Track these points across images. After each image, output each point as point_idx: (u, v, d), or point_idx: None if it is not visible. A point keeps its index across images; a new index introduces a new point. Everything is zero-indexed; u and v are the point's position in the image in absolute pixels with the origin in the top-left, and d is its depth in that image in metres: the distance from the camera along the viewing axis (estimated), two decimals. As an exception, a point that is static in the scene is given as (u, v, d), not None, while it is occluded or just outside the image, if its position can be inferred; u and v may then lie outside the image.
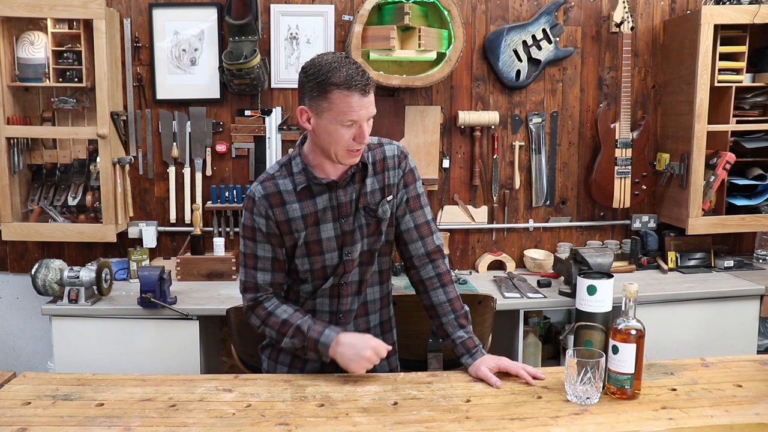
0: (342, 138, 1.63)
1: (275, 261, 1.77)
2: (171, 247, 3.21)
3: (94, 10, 2.77)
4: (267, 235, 1.74)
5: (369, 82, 1.62)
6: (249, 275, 1.77)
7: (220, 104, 3.14)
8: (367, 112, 1.63)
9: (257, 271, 1.77)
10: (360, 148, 1.66)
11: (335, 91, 1.59)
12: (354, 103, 1.59)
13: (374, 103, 1.66)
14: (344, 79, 1.58)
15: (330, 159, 1.69)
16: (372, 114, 1.65)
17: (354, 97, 1.59)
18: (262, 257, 1.76)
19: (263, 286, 1.77)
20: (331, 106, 1.60)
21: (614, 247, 3.29)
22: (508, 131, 3.27)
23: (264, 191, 1.74)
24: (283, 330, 1.72)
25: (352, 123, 1.62)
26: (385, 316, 1.93)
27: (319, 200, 1.74)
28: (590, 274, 1.67)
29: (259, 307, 1.76)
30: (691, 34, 3.01)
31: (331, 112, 1.61)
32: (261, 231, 1.74)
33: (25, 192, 3.05)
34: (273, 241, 1.75)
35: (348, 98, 1.59)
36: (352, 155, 1.67)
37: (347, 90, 1.58)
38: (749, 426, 1.42)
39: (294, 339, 1.71)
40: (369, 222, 1.78)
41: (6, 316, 3.27)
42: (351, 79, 1.59)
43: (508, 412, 1.49)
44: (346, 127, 1.62)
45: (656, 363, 1.76)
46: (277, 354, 1.88)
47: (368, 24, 2.86)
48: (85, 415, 1.48)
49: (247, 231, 1.76)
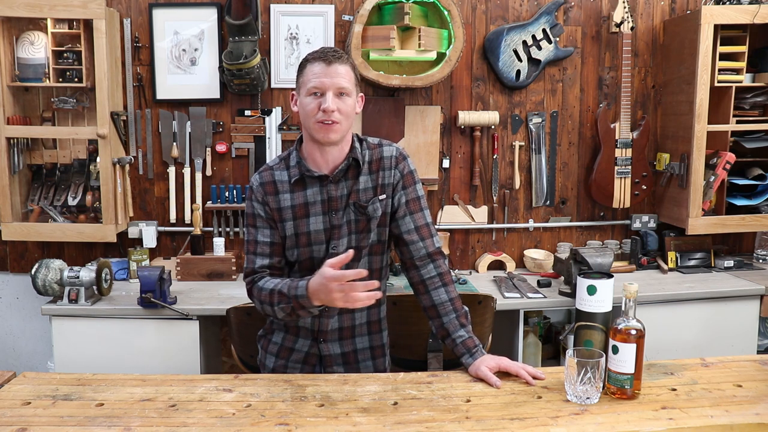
0: (312, 109, 1.71)
1: (273, 245, 1.82)
2: (171, 247, 3.21)
3: (94, 10, 2.77)
4: (266, 219, 1.82)
5: (337, 54, 1.72)
6: (249, 261, 1.84)
7: (220, 104, 3.14)
8: (331, 81, 1.70)
9: (256, 256, 1.83)
10: (327, 119, 1.70)
11: (307, 65, 1.74)
12: (317, 70, 1.71)
13: (347, 79, 1.73)
14: (314, 54, 1.74)
15: (314, 140, 1.76)
16: (339, 86, 1.71)
17: (318, 65, 1.71)
18: (261, 242, 1.82)
19: (259, 270, 1.82)
20: (303, 79, 1.74)
21: (614, 247, 3.29)
22: (508, 131, 3.27)
23: (261, 180, 1.83)
24: (272, 299, 1.74)
25: (317, 91, 1.71)
26: (374, 317, 1.93)
27: (310, 193, 1.80)
28: (590, 274, 1.67)
29: (254, 287, 1.80)
30: (691, 34, 3.01)
31: (303, 86, 1.74)
32: (260, 216, 1.82)
33: (25, 192, 3.05)
34: (272, 224, 1.82)
35: (313, 67, 1.72)
36: (323, 128, 1.72)
37: (313, 60, 1.73)
38: (749, 426, 1.42)
39: (281, 304, 1.72)
40: (358, 218, 1.81)
41: (6, 316, 3.27)
42: (318, 51, 1.74)
43: (508, 412, 1.49)
44: (313, 96, 1.72)
45: (656, 363, 1.76)
46: (268, 344, 1.96)
47: (368, 24, 2.87)
48: (85, 415, 1.48)
49: (248, 219, 1.85)
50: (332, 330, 1.87)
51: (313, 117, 1.71)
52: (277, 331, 1.94)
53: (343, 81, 1.71)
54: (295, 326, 1.89)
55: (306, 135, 1.80)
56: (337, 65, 1.71)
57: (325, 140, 1.73)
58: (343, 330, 1.89)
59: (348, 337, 1.90)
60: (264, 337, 1.98)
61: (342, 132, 1.74)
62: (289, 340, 1.91)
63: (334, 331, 1.88)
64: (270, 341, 1.95)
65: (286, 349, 1.92)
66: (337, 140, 1.74)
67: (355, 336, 1.90)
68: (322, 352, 1.88)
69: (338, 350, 1.89)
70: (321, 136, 1.72)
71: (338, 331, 1.88)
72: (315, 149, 1.78)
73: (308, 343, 1.89)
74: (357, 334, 1.91)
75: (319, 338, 1.88)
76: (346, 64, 1.73)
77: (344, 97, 1.72)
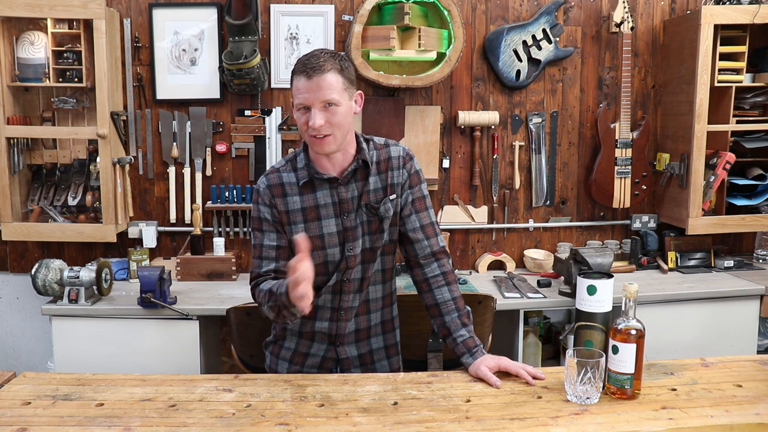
0: (302, 124, 1.67)
1: (279, 249, 1.80)
2: (171, 247, 3.21)
3: (94, 10, 2.77)
4: (273, 223, 1.79)
5: (317, 65, 1.61)
6: (255, 265, 1.82)
7: (220, 104, 3.14)
8: (314, 96, 1.62)
9: (262, 261, 1.80)
10: (317, 134, 1.65)
11: (294, 78, 1.66)
12: (300, 86, 1.64)
13: (333, 88, 1.63)
14: (298, 65, 1.65)
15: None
16: (323, 100, 1.62)
17: (300, 80, 1.64)
18: (266, 246, 1.79)
19: (264, 274, 1.79)
20: (293, 92, 1.67)
21: (614, 247, 3.29)
22: (508, 131, 3.27)
23: (268, 182, 1.80)
24: (264, 299, 1.72)
25: (302, 107, 1.65)
26: (387, 316, 1.94)
27: (321, 195, 1.77)
28: (590, 274, 1.67)
29: (257, 289, 1.79)
30: (691, 34, 3.01)
31: (293, 99, 1.68)
32: (267, 220, 1.79)
33: (25, 192, 3.05)
34: (278, 228, 1.79)
35: (297, 81, 1.65)
36: (316, 143, 1.68)
37: (297, 74, 1.64)
38: (749, 426, 1.42)
39: (269, 303, 1.68)
40: (371, 219, 1.80)
41: (6, 316, 3.27)
42: (300, 64, 1.64)
43: (508, 412, 1.49)
44: (300, 112, 1.66)
45: (656, 363, 1.76)
46: (279, 349, 1.93)
47: (368, 24, 2.87)
48: (85, 415, 1.48)
49: (255, 222, 1.82)
50: (349, 333, 1.87)
51: (305, 132, 1.68)
52: (290, 337, 1.91)
53: (328, 93, 1.62)
54: (310, 331, 1.87)
55: None
56: (318, 78, 1.61)
57: (321, 152, 1.71)
58: (359, 332, 1.89)
59: (364, 338, 1.90)
60: (274, 344, 1.95)
61: (337, 141, 1.69)
62: (303, 345, 1.89)
63: (351, 333, 1.88)
64: (282, 347, 1.92)
65: (300, 354, 1.90)
66: (333, 151, 1.71)
67: (370, 336, 1.91)
68: (340, 355, 1.88)
69: (355, 352, 1.89)
70: (316, 148, 1.70)
71: (355, 333, 1.88)
72: (321, 156, 1.75)
73: (324, 347, 1.88)
74: (372, 334, 1.91)
75: (336, 342, 1.87)
76: (329, 72, 1.62)
77: (333, 107, 1.64)
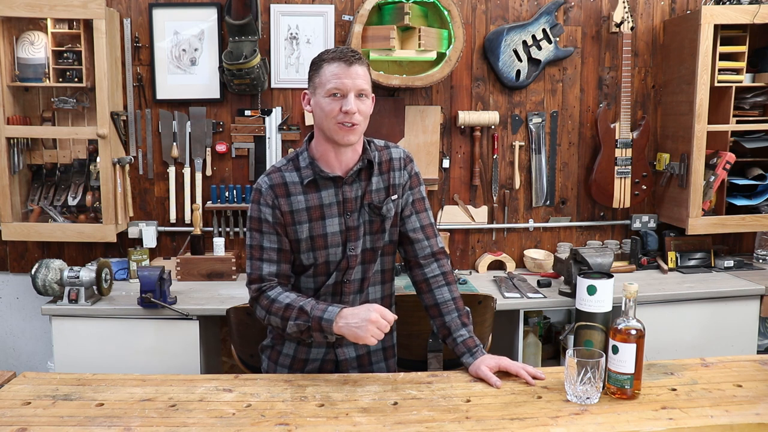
0: (332, 110, 1.68)
1: (281, 252, 1.78)
2: (171, 247, 3.21)
3: (94, 10, 2.77)
4: (273, 225, 1.76)
5: (356, 55, 1.69)
6: (255, 267, 1.78)
7: (220, 104, 3.14)
8: (352, 83, 1.68)
9: (263, 263, 1.77)
10: (348, 121, 1.68)
11: (324, 65, 1.70)
12: (338, 71, 1.67)
13: (366, 80, 1.71)
14: (332, 54, 1.71)
15: (329, 141, 1.73)
16: (360, 88, 1.69)
17: (338, 65, 1.68)
18: (267, 248, 1.77)
19: (268, 277, 1.77)
20: (321, 80, 1.70)
21: (614, 247, 3.29)
22: (508, 131, 3.27)
23: (270, 182, 1.77)
24: (287, 314, 1.70)
25: (338, 92, 1.68)
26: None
27: (325, 194, 1.76)
28: (590, 274, 1.67)
29: (263, 296, 1.76)
30: (691, 34, 3.01)
31: (321, 87, 1.70)
32: (267, 221, 1.76)
33: (25, 192, 3.05)
34: (279, 230, 1.77)
35: (333, 67, 1.68)
36: (344, 130, 1.69)
37: (333, 60, 1.69)
38: (749, 426, 1.42)
39: (298, 320, 1.68)
40: (373, 219, 1.80)
41: (6, 316, 3.27)
42: (336, 51, 1.71)
43: (508, 412, 1.49)
44: (334, 98, 1.68)
45: (656, 363, 1.76)
46: (277, 355, 1.90)
47: (368, 24, 2.87)
48: (85, 415, 1.48)
49: (253, 222, 1.79)
50: None
51: (333, 118, 1.68)
52: (288, 342, 1.88)
53: (363, 82, 1.69)
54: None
55: (320, 135, 1.75)
56: (357, 66, 1.68)
57: (344, 142, 1.71)
58: None
59: None
60: (271, 348, 1.92)
61: (360, 133, 1.73)
62: (302, 351, 1.87)
63: None
64: (280, 353, 1.90)
65: (300, 360, 1.87)
66: (355, 142, 1.73)
67: None
68: (339, 356, 1.87)
69: (353, 353, 1.89)
70: (340, 137, 1.70)
71: None
72: (329, 150, 1.75)
73: (323, 350, 1.87)
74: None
75: (335, 343, 1.85)
76: (364, 65, 1.71)
77: (363, 98, 1.70)
